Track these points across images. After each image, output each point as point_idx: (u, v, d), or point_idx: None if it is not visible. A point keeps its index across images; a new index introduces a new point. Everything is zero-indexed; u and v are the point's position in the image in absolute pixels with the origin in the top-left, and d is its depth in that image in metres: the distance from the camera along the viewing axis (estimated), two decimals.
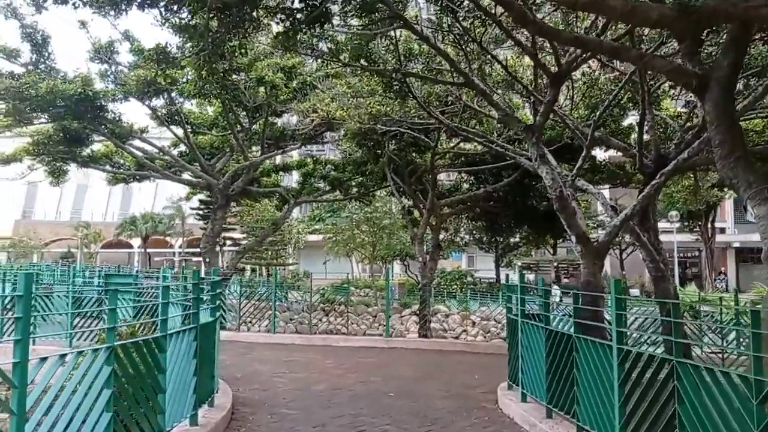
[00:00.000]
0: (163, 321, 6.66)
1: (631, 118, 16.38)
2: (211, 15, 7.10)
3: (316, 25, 7.43)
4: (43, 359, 4.78)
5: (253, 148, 19.80)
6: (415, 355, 15.11)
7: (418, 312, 17.71)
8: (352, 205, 36.79)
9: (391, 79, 10.16)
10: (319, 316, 18.58)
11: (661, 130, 13.61)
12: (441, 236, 38.44)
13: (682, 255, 42.66)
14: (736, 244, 47.99)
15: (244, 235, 57.60)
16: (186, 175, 19.99)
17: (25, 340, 4.40)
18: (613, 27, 8.55)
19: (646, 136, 11.39)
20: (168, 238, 68.19)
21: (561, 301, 18.30)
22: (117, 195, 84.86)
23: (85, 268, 32.91)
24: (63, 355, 4.97)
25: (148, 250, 69.12)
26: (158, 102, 17.13)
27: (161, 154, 18.67)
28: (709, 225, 40.44)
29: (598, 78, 13.81)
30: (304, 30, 7.77)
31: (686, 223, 40.94)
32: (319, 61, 9.36)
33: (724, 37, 6.58)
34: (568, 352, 7.55)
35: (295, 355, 14.58)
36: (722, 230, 45.53)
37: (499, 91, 13.27)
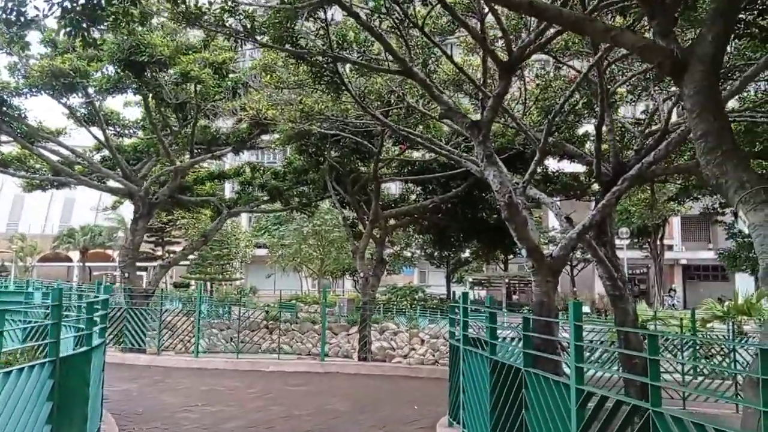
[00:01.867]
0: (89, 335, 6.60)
1: (587, 126, 15.49)
2: None
3: None
4: None
5: (187, 155, 18.24)
6: (352, 382, 13.70)
7: (358, 332, 16.33)
8: (300, 217, 35.33)
9: (321, 69, 8.85)
10: (263, 334, 17.28)
11: (619, 136, 12.65)
12: (389, 250, 37.25)
13: (630, 272, 42.52)
14: (683, 261, 48.36)
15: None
16: (111, 182, 18.24)
17: None
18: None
19: (604, 146, 10.38)
20: (109, 251, 65.20)
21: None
22: (58, 206, 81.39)
23: None
24: (8, 372, 4.94)
25: (89, 264, 66.06)
26: (76, 100, 15.48)
27: (78, 158, 16.89)
28: (659, 241, 40.44)
29: (552, 80, 12.81)
30: None
31: (636, 240, 40.84)
32: (232, 40, 7.91)
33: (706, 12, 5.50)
34: (517, 388, 6.31)
35: (216, 382, 13.00)
36: (669, 247, 45.70)
37: (447, 92, 12.10)
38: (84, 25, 5.84)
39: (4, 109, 13.60)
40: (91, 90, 14.11)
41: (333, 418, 9.92)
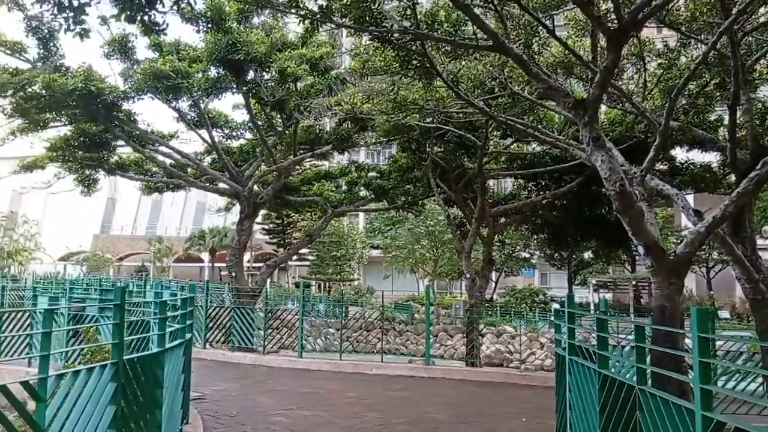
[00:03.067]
0: (161, 336, 6.44)
1: (720, 112, 13.83)
2: None
3: None
4: (60, 376, 4.78)
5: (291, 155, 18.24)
6: (456, 389, 12.91)
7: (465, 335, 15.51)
8: (413, 218, 34.91)
9: (409, 52, 8.17)
10: (378, 335, 17.13)
11: (758, 118, 11.04)
12: (505, 251, 35.84)
13: None
14: None
15: (309, 250, 56.71)
16: (221, 184, 18.59)
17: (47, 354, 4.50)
18: None
19: (740, 132, 9.00)
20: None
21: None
22: (191, 209, 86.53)
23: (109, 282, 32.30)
24: (77, 372, 5.01)
25: (217, 264, 69.39)
26: (184, 104, 15.82)
27: (187, 160, 17.28)
28: None
29: (676, 58, 11.40)
30: None
31: None
32: (307, 23, 7.41)
33: None
34: (630, 409, 5.32)
35: (315, 384, 12.66)
36: None
37: (555, 76, 11.04)
38: (143, 5, 5.51)
39: (115, 113, 14.05)
40: (196, 93, 14.29)
41: (430, 429, 9.22)
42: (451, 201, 17.01)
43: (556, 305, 28.96)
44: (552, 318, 20.90)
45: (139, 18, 5.61)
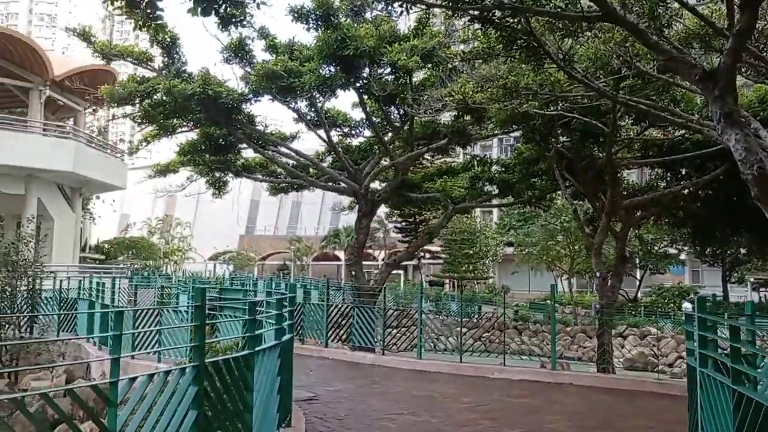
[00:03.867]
0: (251, 338, 6.20)
1: None
2: None
3: None
4: (132, 379, 4.66)
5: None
6: (583, 396, 11.92)
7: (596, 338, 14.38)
8: (546, 213, 33.52)
9: (513, 31, 7.47)
10: (511, 335, 16.80)
11: None
12: (644, 247, 33.37)
13: None
14: None
15: (441, 248, 56.39)
16: (341, 183, 18.68)
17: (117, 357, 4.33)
18: None
19: None
20: (370, 251, 69.25)
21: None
22: (327, 209, 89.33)
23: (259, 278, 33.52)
24: (151, 375, 4.89)
25: None
26: (302, 104, 16.00)
27: (304, 159, 17.47)
28: None
29: None
30: None
31: None
32: (397, 5, 6.96)
33: None
34: None
35: (431, 388, 12.20)
36: None
37: (689, 50, 9.80)
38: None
39: (234, 116, 14.41)
40: (305, 90, 14.34)
41: None
42: (580, 194, 15.91)
43: (687, 305, 26.03)
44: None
45: (213, 11, 5.44)
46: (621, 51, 9.70)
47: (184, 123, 15.28)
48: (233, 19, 5.53)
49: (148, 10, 5.21)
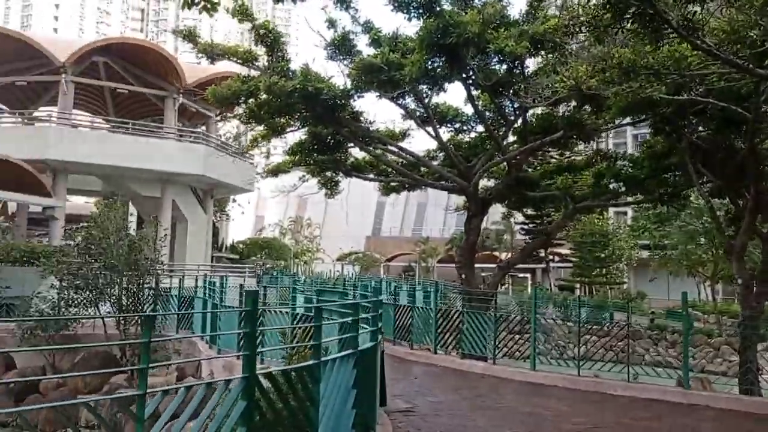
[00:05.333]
0: (316, 347, 5.73)
1: None
2: None
3: None
4: (165, 392, 4.48)
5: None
6: (721, 422, 10.33)
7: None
8: (686, 214, 30.79)
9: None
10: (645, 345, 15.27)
11: None
12: None
13: None
14: None
15: (571, 251, 53.79)
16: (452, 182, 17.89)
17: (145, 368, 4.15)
18: None
19: None
20: (496, 253, 67.70)
21: None
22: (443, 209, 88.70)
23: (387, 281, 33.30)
24: (189, 387, 4.69)
25: (478, 266, 69.58)
26: (408, 99, 15.42)
27: (412, 157, 16.83)
28: None
29: None
30: None
31: None
32: None
33: None
34: None
35: (542, 404, 11.09)
36: None
37: None
38: None
39: (338, 113, 14.04)
40: (406, 83, 13.68)
41: None
42: (719, 190, 14.11)
43: None
44: None
45: None
46: (764, 20, 8.21)
47: (291, 122, 15.17)
48: None
49: None
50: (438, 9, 11.77)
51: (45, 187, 26.72)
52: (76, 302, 16.52)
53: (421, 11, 11.66)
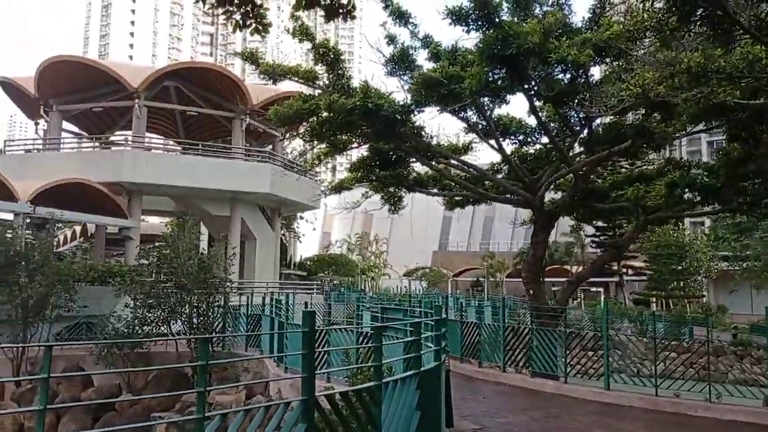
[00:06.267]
0: (377, 368, 5.69)
1: None
2: None
3: None
4: (223, 416, 4.60)
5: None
6: None
7: None
8: (765, 224, 29.28)
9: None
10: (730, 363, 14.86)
11: None
12: None
13: None
14: None
15: (645, 264, 51.90)
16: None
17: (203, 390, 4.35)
18: None
19: None
20: (566, 267, 66.06)
21: None
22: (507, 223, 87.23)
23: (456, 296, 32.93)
24: (247, 410, 4.89)
25: (549, 279, 68.32)
26: (470, 113, 15.24)
27: (475, 171, 16.57)
28: None
29: None
30: None
31: None
32: None
33: None
34: None
35: (615, 426, 10.59)
36: None
37: None
38: None
39: (399, 128, 13.97)
40: (467, 96, 13.49)
41: None
42: None
43: None
44: None
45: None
46: None
47: (353, 139, 15.22)
48: (340, 11, 4.96)
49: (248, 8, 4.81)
50: (497, 20, 11.60)
51: (121, 208, 27.82)
52: (149, 320, 17.02)
53: (479, 23, 11.51)
